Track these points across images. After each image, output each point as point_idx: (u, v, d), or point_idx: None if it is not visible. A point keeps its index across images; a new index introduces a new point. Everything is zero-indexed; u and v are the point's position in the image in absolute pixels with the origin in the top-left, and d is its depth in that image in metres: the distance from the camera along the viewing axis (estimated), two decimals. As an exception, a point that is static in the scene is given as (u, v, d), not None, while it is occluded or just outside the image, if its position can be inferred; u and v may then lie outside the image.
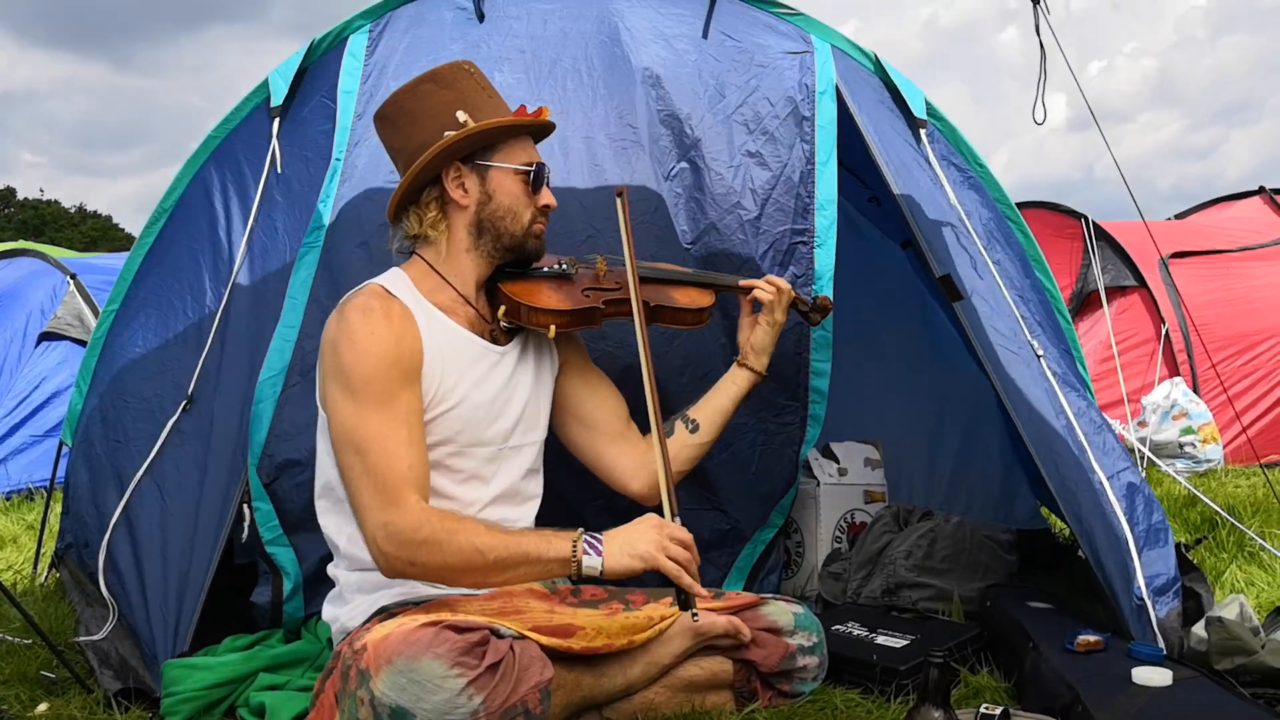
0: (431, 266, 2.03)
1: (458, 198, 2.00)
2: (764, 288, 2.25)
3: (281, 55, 2.73)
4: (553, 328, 2.02)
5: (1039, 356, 2.50)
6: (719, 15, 2.69)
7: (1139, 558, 2.20)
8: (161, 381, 2.62)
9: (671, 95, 2.60)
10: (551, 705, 1.68)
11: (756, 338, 2.25)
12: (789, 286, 2.27)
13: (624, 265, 2.09)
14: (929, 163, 2.67)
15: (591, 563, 1.78)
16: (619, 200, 2.12)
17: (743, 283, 2.29)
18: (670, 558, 1.76)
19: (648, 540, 1.78)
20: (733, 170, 2.56)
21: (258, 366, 2.40)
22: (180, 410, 2.51)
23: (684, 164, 2.59)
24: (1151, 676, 1.85)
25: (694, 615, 1.78)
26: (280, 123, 2.62)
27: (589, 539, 1.79)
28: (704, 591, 1.84)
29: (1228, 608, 2.08)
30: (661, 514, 1.85)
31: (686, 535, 1.80)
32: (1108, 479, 2.31)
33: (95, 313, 5.54)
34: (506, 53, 2.66)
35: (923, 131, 2.72)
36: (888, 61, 2.78)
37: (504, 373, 2.05)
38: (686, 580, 1.76)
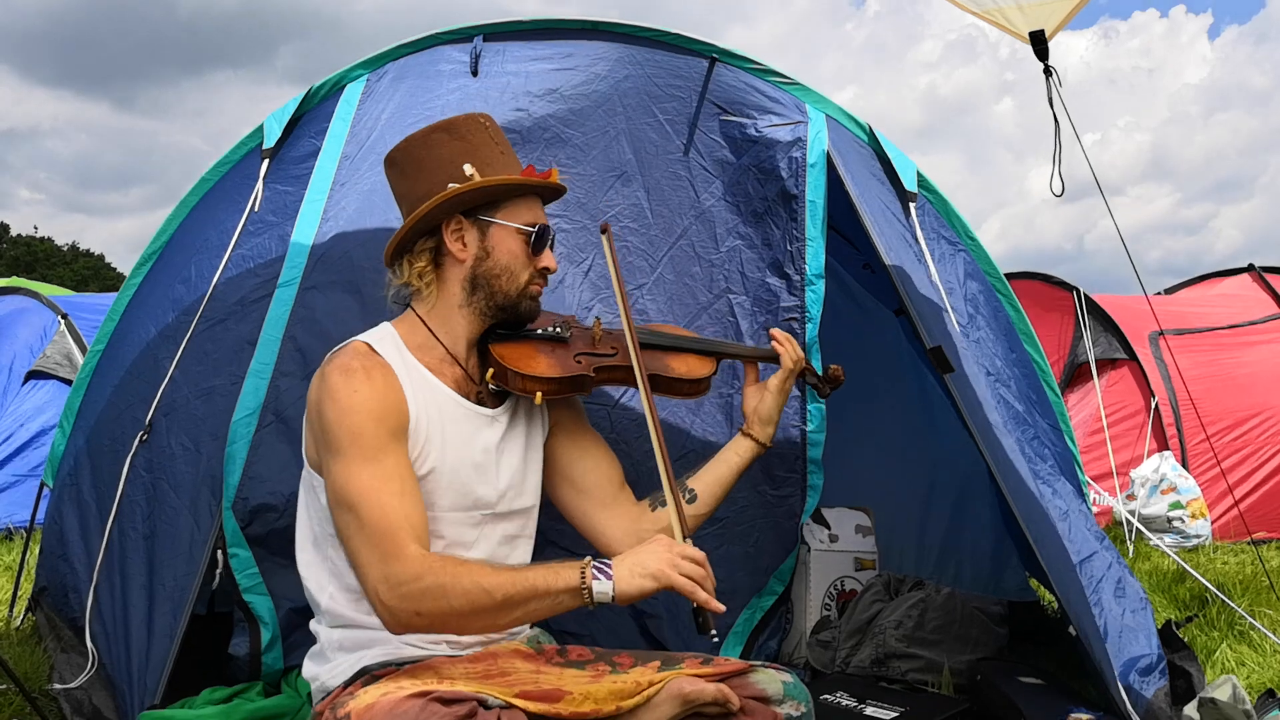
0: (422, 321, 1.99)
1: (455, 251, 1.97)
2: (785, 347, 2.17)
3: (284, 102, 2.75)
4: (539, 395, 1.96)
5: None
6: (716, 82, 2.69)
7: (1107, 646, 2.19)
8: (124, 421, 2.60)
9: (662, 181, 2.62)
10: (539, 772, 1.64)
11: (765, 407, 2.16)
12: (801, 355, 2.19)
13: (622, 329, 2.02)
14: (915, 239, 2.68)
15: (602, 588, 1.69)
16: (604, 237, 2.04)
17: (753, 349, 2.21)
18: (684, 574, 1.70)
19: (659, 559, 1.71)
20: (722, 255, 2.57)
21: (217, 400, 2.38)
22: (137, 443, 2.47)
23: (674, 251, 2.60)
24: (1145, 759, 1.83)
25: (713, 637, 1.71)
26: (269, 165, 2.64)
27: (597, 564, 1.72)
28: (720, 607, 1.74)
29: (1220, 689, 2.06)
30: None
31: (699, 553, 1.73)
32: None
33: (84, 352, 5.52)
34: (500, 110, 2.66)
35: (912, 205, 2.72)
36: (882, 133, 2.80)
37: (492, 437, 1.99)
38: (702, 596, 1.69)
